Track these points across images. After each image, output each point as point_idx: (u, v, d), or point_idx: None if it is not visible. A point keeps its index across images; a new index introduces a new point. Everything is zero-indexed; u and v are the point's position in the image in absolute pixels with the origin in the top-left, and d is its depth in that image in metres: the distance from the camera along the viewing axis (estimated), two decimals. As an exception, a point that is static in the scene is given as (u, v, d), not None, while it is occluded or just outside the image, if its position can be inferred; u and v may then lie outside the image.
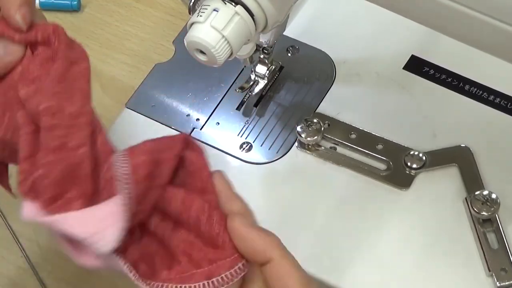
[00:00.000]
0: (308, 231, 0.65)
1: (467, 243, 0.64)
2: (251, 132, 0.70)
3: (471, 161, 0.67)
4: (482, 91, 0.70)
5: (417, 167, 0.66)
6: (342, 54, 0.73)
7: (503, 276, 0.62)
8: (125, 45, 0.81)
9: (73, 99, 0.50)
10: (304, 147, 0.69)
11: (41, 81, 0.50)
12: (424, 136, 0.68)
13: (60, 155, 0.49)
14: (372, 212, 0.65)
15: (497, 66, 0.60)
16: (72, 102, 0.50)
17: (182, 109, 0.72)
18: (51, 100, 0.49)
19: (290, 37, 0.74)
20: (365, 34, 0.74)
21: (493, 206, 0.63)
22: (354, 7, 0.75)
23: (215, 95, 0.72)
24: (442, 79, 0.71)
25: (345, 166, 0.67)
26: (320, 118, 0.69)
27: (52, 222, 0.48)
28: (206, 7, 0.56)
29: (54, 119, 0.49)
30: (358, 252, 0.64)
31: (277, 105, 0.71)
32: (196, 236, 0.50)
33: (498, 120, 0.69)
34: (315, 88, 0.72)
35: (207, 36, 0.56)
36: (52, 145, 0.49)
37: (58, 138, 0.49)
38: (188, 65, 0.73)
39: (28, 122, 0.50)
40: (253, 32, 0.58)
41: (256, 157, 0.69)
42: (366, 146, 0.68)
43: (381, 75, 0.71)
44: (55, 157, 0.49)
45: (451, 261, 0.63)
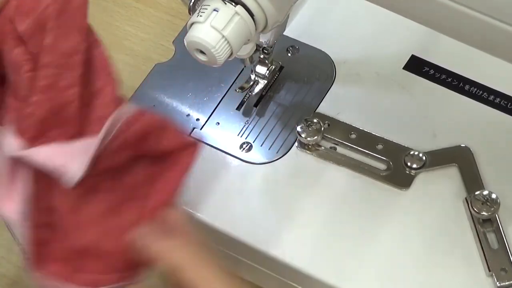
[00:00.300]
0: (308, 231, 0.65)
1: (467, 243, 0.64)
2: (251, 132, 0.70)
3: (471, 161, 0.67)
4: (482, 91, 0.70)
5: (417, 167, 0.66)
6: (342, 54, 0.73)
7: (503, 276, 0.62)
8: (125, 45, 0.81)
9: (68, 36, 0.49)
10: (304, 147, 0.69)
11: (35, 12, 0.49)
12: (424, 136, 0.68)
13: (49, 95, 0.49)
14: (372, 212, 0.65)
15: (497, 66, 0.60)
16: (66, 39, 0.49)
17: (182, 109, 0.72)
18: (46, 38, 0.49)
19: (290, 37, 0.74)
20: (365, 34, 0.74)
21: (493, 206, 0.63)
22: (354, 7, 0.75)
23: (215, 95, 0.72)
24: (442, 79, 0.71)
25: (345, 166, 0.67)
26: (320, 118, 0.69)
27: (26, 156, 0.49)
28: (206, 7, 0.56)
29: (47, 57, 0.49)
30: (358, 252, 0.64)
31: (277, 105, 0.71)
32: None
33: (498, 120, 0.69)
34: (315, 88, 0.72)
35: (207, 36, 0.56)
36: (42, 84, 0.49)
37: (49, 77, 0.49)
38: (188, 65, 0.73)
39: (26, 60, 0.49)
40: (253, 32, 0.58)
41: (256, 157, 0.69)
42: (366, 146, 0.68)
43: (381, 75, 0.71)
44: (44, 96, 0.48)
45: (451, 261, 0.63)
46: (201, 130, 0.71)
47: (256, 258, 0.66)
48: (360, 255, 0.64)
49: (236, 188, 0.67)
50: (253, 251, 0.65)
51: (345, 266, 0.63)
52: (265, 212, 0.66)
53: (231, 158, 0.69)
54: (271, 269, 0.66)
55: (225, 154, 0.69)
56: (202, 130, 0.70)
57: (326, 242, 0.64)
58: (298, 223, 0.65)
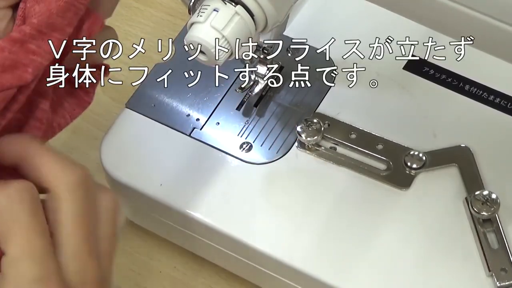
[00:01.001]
0: (308, 231, 0.65)
1: (467, 243, 0.64)
2: (251, 132, 0.70)
3: (471, 161, 0.67)
4: (482, 91, 0.70)
5: (417, 167, 0.66)
6: (342, 54, 0.73)
7: (503, 276, 0.62)
8: (125, 45, 0.81)
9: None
10: (304, 147, 0.69)
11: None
12: (424, 136, 0.68)
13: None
14: (372, 212, 0.65)
15: (497, 66, 0.60)
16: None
17: (182, 109, 0.72)
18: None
19: (290, 37, 0.74)
20: (365, 34, 0.74)
21: (493, 206, 0.63)
22: (354, 7, 0.75)
23: (215, 95, 0.72)
24: (442, 79, 0.71)
25: (345, 166, 0.67)
26: (320, 118, 0.69)
27: None
28: (206, 7, 0.56)
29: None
30: (358, 252, 0.64)
31: (277, 105, 0.71)
32: None
33: (498, 120, 0.69)
34: (315, 88, 0.72)
35: (207, 36, 0.56)
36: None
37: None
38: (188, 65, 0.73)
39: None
40: (253, 32, 0.58)
41: (256, 157, 0.69)
42: (366, 146, 0.68)
43: (381, 75, 0.71)
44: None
45: (451, 261, 0.63)
46: (201, 130, 0.71)
47: (256, 258, 0.66)
48: (360, 255, 0.64)
49: (236, 188, 0.67)
50: (253, 251, 0.65)
51: (345, 266, 0.63)
52: (264, 212, 0.66)
53: (231, 158, 0.69)
54: (271, 269, 0.66)
55: (225, 154, 0.69)
56: (202, 130, 0.70)
57: (326, 242, 0.65)
58: (298, 223, 0.65)
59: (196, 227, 0.67)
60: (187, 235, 0.69)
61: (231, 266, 0.70)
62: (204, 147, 0.69)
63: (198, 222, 0.66)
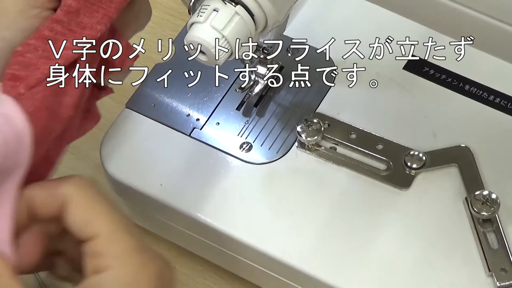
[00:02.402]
0: (308, 231, 0.65)
1: (467, 243, 0.64)
2: (251, 132, 0.70)
3: (471, 161, 0.67)
4: (482, 91, 0.70)
5: (417, 167, 0.67)
6: (342, 54, 0.73)
7: (503, 276, 0.62)
8: (125, 45, 0.81)
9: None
10: (304, 147, 0.69)
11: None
12: (424, 136, 0.68)
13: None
14: (372, 212, 0.65)
15: (497, 66, 0.60)
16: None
17: (182, 109, 0.72)
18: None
19: (290, 37, 0.74)
20: (365, 34, 0.74)
21: (493, 206, 0.63)
22: (354, 7, 0.75)
23: (215, 95, 0.72)
24: (442, 79, 0.71)
25: (345, 166, 0.68)
26: (320, 118, 0.69)
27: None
28: (206, 7, 0.56)
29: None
30: (358, 252, 0.64)
31: (277, 105, 0.71)
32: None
33: (498, 120, 0.69)
34: (315, 88, 0.72)
35: (207, 36, 0.56)
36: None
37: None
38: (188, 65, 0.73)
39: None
40: (253, 32, 0.58)
41: (256, 157, 0.69)
42: (366, 146, 0.68)
43: (381, 75, 0.71)
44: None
45: (451, 261, 0.63)
46: (201, 130, 0.71)
47: (256, 258, 0.66)
48: (360, 255, 0.64)
49: (236, 188, 0.67)
50: (253, 251, 0.65)
51: (345, 266, 0.63)
52: (264, 212, 0.66)
53: (231, 158, 0.69)
54: (271, 269, 0.66)
55: (225, 154, 0.69)
56: (202, 130, 0.71)
57: (326, 241, 0.65)
58: (298, 223, 0.65)
59: (196, 227, 0.67)
60: (187, 235, 0.69)
61: (231, 266, 0.70)
62: (204, 147, 0.69)
63: (198, 222, 0.66)
